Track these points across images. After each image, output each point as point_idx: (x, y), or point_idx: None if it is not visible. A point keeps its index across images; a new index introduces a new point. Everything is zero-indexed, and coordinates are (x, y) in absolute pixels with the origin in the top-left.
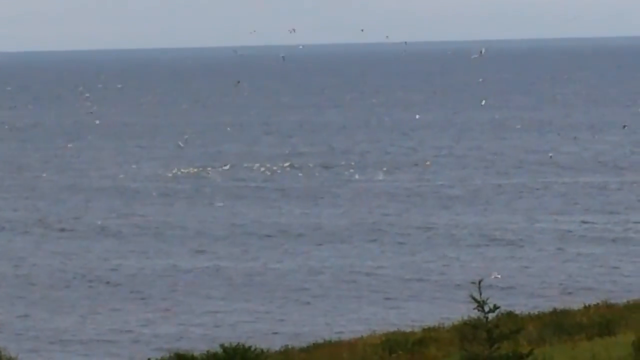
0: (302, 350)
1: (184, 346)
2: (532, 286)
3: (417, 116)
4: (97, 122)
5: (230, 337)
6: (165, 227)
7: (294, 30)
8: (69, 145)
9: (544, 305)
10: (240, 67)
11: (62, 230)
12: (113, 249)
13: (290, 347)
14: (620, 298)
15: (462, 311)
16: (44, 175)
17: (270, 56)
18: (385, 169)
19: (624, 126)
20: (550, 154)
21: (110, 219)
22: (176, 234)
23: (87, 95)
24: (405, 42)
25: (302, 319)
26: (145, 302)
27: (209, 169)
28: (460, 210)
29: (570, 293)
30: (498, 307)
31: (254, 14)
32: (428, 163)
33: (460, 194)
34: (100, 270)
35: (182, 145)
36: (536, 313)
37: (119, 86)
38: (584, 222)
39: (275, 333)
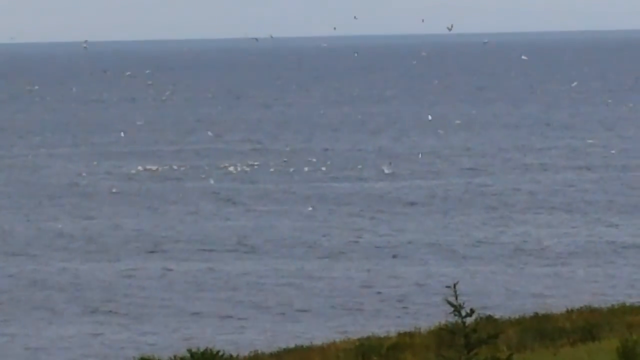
0: (272, 355)
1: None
2: (506, 292)
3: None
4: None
5: (196, 343)
6: (114, 231)
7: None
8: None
9: (523, 310)
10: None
11: None
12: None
13: (260, 352)
14: (604, 302)
15: (434, 319)
16: None
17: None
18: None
19: None
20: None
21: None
22: (136, 239)
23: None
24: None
25: (271, 326)
26: (99, 310)
27: (139, 168)
28: (422, 215)
29: (546, 296)
30: (474, 311)
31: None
32: (390, 164)
33: (417, 199)
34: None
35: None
36: (516, 317)
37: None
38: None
39: (243, 337)
